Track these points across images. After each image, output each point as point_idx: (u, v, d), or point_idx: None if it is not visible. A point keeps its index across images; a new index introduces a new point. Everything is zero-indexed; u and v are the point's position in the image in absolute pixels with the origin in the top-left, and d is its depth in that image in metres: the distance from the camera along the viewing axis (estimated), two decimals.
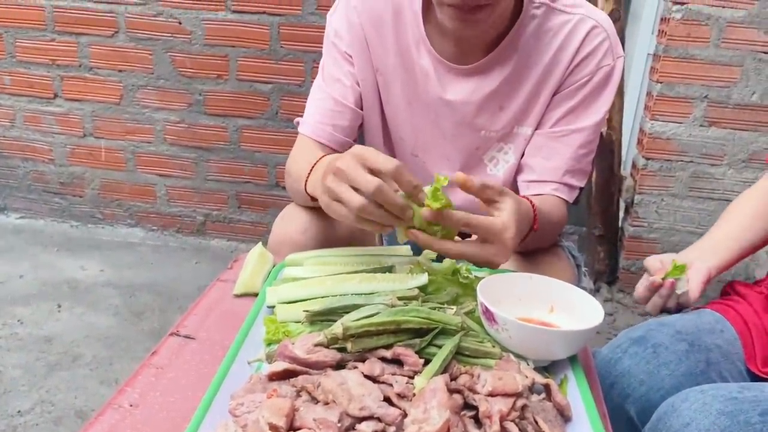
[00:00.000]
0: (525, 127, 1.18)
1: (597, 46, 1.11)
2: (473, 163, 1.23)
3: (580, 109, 1.14)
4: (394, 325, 0.79)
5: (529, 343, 0.81)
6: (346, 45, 1.19)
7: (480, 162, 1.22)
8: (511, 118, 1.17)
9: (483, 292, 0.85)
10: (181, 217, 2.87)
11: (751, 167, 2.38)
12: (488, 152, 1.21)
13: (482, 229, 0.88)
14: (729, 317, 1.08)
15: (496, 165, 1.22)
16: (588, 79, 1.12)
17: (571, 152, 1.15)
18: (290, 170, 1.20)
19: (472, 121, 1.17)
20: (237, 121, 2.66)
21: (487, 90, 1.15)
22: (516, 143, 1.19)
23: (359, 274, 0.91)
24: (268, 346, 0.86)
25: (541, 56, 1.13)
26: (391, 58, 1.18)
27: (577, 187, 1.18)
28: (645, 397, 0.94)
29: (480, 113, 1.17)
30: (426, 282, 0.89)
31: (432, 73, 1.16)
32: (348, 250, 1.03)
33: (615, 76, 1.13)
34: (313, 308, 0.85)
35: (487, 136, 1.19)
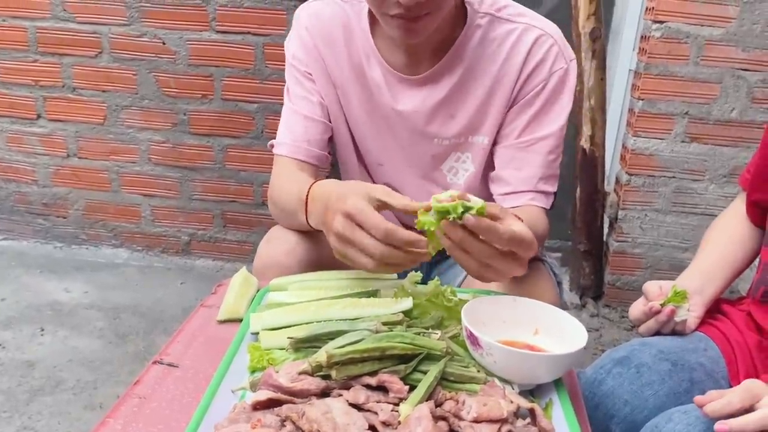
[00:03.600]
0: (480, 136, 1.21)
1: (546, 53, 1.14)
2: (432, 172, 1.26)
3: (541, 115, 1.16)
4: (378, 351, 0.79)
5: (514, 367, 0.81)
6: (305, 65, 1.23)
7: (439, 172, 1.26)
8: (463, 127, 1.20)
9: (467, 316, 0.85)
10: (166, 237, 2.85)
11: (732, 182, 2.41)
12: (446, 162, 1.25)
13: (517, 241, 0.84)
14: (713, 336, 1.09)
15: (456, 174, 1.26)
16: (543, 86, 1.15)
17: (541, 159, 1.17)
18: (277, 200, 1.19)
19: (424, 129, 1.21)
20: (222, 141, 2.66)
21: (436, 98, 1.18)
22: (473, 152, 1.23)
23: (344, 299, 0.91)
24: (252, 374, 0.85)
25: (488, 65, 1.16)
26: (346, 73, 1.22)
27: (551, 193, 1.20)
28: (629, 417, 0.94)
29: (431, 121, 1.20)
30: (410, 306, 0.89)
31: (383, 84, 1.20)
32: (332, 274, 1.03)
33: (570, 79, 1.16)
34: (297, 335, 0.85)
35: (441, 144, 1.22)
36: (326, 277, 1.02)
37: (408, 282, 0.98)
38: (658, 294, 1.09)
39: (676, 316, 1.07)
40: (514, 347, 0.87)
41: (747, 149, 2.37)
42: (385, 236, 0.85)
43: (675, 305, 1.07)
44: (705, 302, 1.10)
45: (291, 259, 1.14)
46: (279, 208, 1.18)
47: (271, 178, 1.24)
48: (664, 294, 1.09)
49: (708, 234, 1.21)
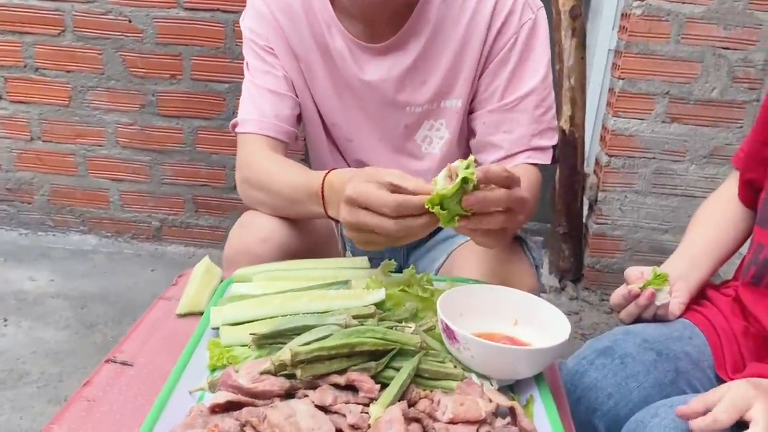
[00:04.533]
0: (452, 100, 1.17)
1: (513, 5, 1.10)
2: (406, 143, 1.22)
3: (519, 71, 1.12)
4: (347, 348, 0.73)
5: (493, 362, 0.76)
6: (264, 39, 1.17)
7: (413, 143, 1.22)
8: (435, 92, 1.15)
9: (443, 308, 0.80)
10: (135, 223, 2.76)
11: (712, 162, 2.38)
12: (419, 131, 1.20)
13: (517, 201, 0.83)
14: (698, 323, 1.05)
15: (430, 143, 1.22)
16: (515, 39, 1.11)
17: (530, 117, 1.12)
18: (265, 184, 1.10)
19: (395, 98, 1.16)
20: (192, 122, 2.57)
21: (404, 65, 1.13)
22: (446, 118, 1.18)
23: (311, 292, 0.85)
24: (212, 373, 0.79)
25: (455, 25, 1.11)
26: (307, 45, 1.16)
27: (548, 147, 1.15)
28: (613, 411, 0.90)
29: (401, 89, 1.15)
30: (383, 298, 0.84)
31: (347, 55, 1.14)
32: (301, 264, 0.97)
33: (540, 27, 1.12)
34: (260, 331, 0.79)
35: (413, 112, 1.17)
36: (294, 266, 0.96)
37: (381, 271, 0.93)
38: (638, 278, 1.04)
39: (657, 299, 1.03)
40: (493, 340, 0.82)
41: (727, 129, 2.34)
42: (397, 209, 0.81)
43: (655, 288, 1.03)
44: (691, 288, 1.06)
45: (266, 248, 1.07)
46: (269, 193, 1.09)
47: (241, 159, 1.16)
48: (645, 278, 1.04)
49: (696, 217, 1.16)
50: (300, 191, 1.03)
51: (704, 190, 2.40)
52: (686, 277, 1.07)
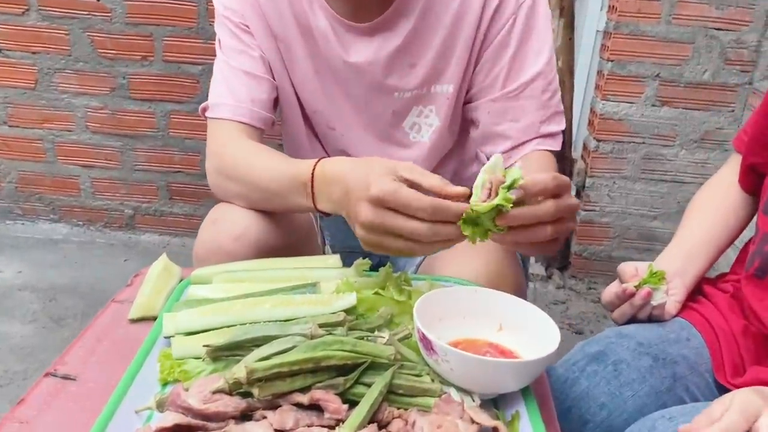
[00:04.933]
0: (443, 85, 1.08)
1: None
2: (393, 131, 1.14)
3: (521, 55, 1.04)
4: (312, 362, 0.65)
5: (475, 376, 0.68)
6: (240, 16, 1.07)
7: (401, 130, 1.14)
8: (425, 76, 1.07)
9: (420, 314, 0.72)
10: (107, 211, 2.66)
11: (703, 147, 2.31)
12: (407, 118, 1.12)
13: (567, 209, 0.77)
14: (695, 322, 0.98)
15: (419, 131, 1.14)
16: (513, 20, 1.02)
17: (537, 103, 1.05)
18: (241, 175, 1.00)
19: (383, 82, 1.07)
20: (165, 106, 2.46)
21: (392, 47, 1.04)
22: (436, 104, 1.10)
23: (274, 297, 0.77)
24: (163, 389, 0.71)
25: (447, 4, 1.03)
26: (287, 22, 1.07)
27: (557, 132, 1.08)
28: (606, 422, 0.83)
29: (389, 73, 1.07)
30: (354, 303, 0.75)
31: (331, 34, 1.05)
32: (266, 263, 0.88)
33: (541, 5, 1.04)
34: (215, 342, 0.70)
35: (402, 97, 1.09)
36: (259, 266, 0.87)
37: (354, 271, 0.85)
38: (633, 275, 0.97)
39: (653, 299, 0.96)
40: (475, 347, 0.75)
41: (719, 113, 2.27)
42: (434, 214, 0.73)
43: (651, 287, 0.96)
44: (687, 285, 0.99)
45: (240, 246, 0.97)
46: (246, 184, 0.99)
47: (213, 148, 1.06)
48: (640, 275, 0.97)
49: (692, 205, 1.09)
50: (283, 182, 0.93)
51: (694, 175, 2.34)
52: (682, 273, 1.00)
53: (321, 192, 0.88)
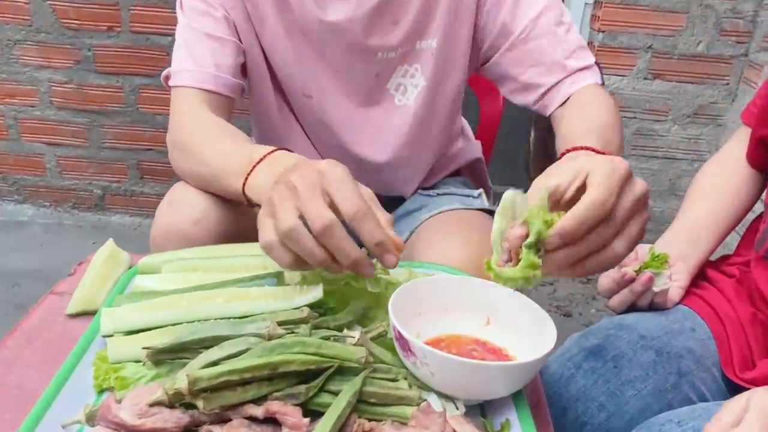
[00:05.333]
0: (428, 40, 1.00)
1: None
2: (377, 95, 1.04)
3: None
4: (268, 368, 0.55)
5: (459, 381, 0.59)
6: None
7: (385, 93, 1.04)
8: (409, 32, 0.99)
9: (397, 308, 0.62)
10: (76, 191, 2.53)
11: (696, 122, 2.23)
12: (392, 79, 1.03)
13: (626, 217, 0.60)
14: (699, 311, 0.89)
15: (404, 93, 1.04)
16: None
17: (553, 39, 0.96)
18: (192, 150, 0.91)
19: (364, 42, 0.98)
20: (133, 80, 2.33)
21: (373, 2, 0.95)
22: (422, 62, 1.02)
23: (228, 290, 0.66)
24: (98, 398, 0.61)
25: None
26: None
27: (590, 65, 0.97)
28: (606, 425, 0.74)
29: (371, 32, 0.97)
30: (320, 296, 0.65)
31: None
32: (222, 249, 0.78)
33: None
34: (157, 343, 0.60)
35: (386, 58, 1.00)
36: (213, 253, 0.77)
37: None
38: (632, 259, 0.88)
39: (655, 285, 0.87)
40: (460, 344, 0.66)
41: (713, 86, 2.18)
42: (354, 213, 0.60)
43: (653, 271, 0.87)
44: (690, 269, 0.90)
45: (200, 230, 0.87)
46: (196, 160, 0.89)
47: (173, 119, 0.96)
48: (641, 259, 0.88)
49: (695, 183, 1.00)
50: (230, 161, 0.83)
51: (686, 152, 2.26)
52: (685, 257, 0.91)
53: (259, 171, 0.78)
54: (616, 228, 0.57)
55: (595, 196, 0.56)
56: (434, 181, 1.20)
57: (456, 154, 1.23)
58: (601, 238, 0.57)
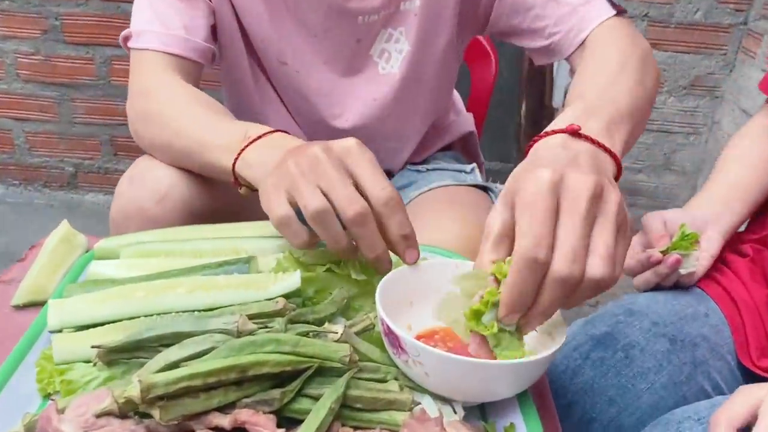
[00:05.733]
0: (411, 1, 0.91)
1: None
2: (359, 63, 0.96)
3: None
4: (236, 371, 0.48)
5: (457, 382, 0.51)
6: None
7: (367, 60, 0.96)
8: None
9: (386, 298, 0.55)
10: (46, 169, 2.42)
11: (693, 94, 2.15)
12: (374, 45, 0.95)
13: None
14: (713, 294, 0.82)
15: (389, 60, 0.95)
16: None
17: None
18: (156, 115, 0.83)
19: (343, 5, 0.89)
20: (104, 51, 2.21)
21: None
22: (406, 25, 0.93)
23: (191, 278, 0.58)
24: (44, 402, 0.53)
25: None
26: None
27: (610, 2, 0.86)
28: (616, 421, 0.67)
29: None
30: (298, 284, 0.57)
31: None
32: (187, 232, 0.69)
33: None
34: (110, 340, 0.52)
35: (368, 21, 0.91)
36: (177, 235, 0.68)
37: None
38: (662, 235, 0.80)
39: (682, 266, 0.79)
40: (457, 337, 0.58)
41: (710, 57, 2.10)
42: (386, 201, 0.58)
43: (681, 253, 0.79)
44: (724, 233, 0.83)
45: (164, 209, 0.79)
46: (169, 132, 0.80)
47: (136, 85, 0.88)
48: (670, 234, 0.80)
49: (725, 154, 0.93)
50: (218, 133, 0.75)
51: (682, 125, 2.18)
52: (719, 219, 0.83)
53: (257, 147, 0.70)
54: (573, 258, 0.47)
55: (521, 253, 0.47)
56: (424, 155, 1.12)
57: (447, 126, 1.15)
58: (564, 277, 0.47)
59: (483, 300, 0.51)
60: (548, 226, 0.48)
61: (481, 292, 0.51)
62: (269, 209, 0.60)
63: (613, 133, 0.61)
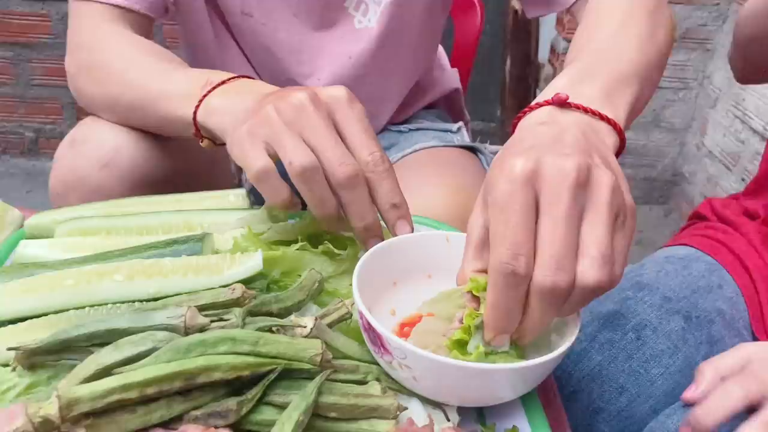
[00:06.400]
0: None
1: None
2: (332, 15, 0.86)
3: None
4: (180, 380, 0.39)
5: (452, 387, 0.43)
6: None
7: (342, 13, 0.86)
8: None
9: (365, 280, 0.46)
10: (4, 134, 2.29)
11: (685, 48, 2.06)
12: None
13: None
14: (724, 262, 0.75)
15: (366, 13, 0.85)
16: None
17: None
18: (102, 66, 0.72)
19: None
20: (60, 6, 2.06)
21: None
22: None
23: (130, 263, 0.49)
24: None
25: None
26: None
27: None
28: (626, 411, 0.60)
29: None
30: (259, 267, 0.48)
31: None
32: (131, 204, 0.60)
33: None
34: (31, 340, 0.43)
35: None
36: (125, 208, 0.59)
37: (266, 213, 0.57)
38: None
39: None
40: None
41: (702, 8, 2.01)
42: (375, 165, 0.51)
43: None
44: None
45: (109, 175, 0.69)
46: (117, 83, 0.71)
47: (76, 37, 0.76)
48: None
49: None
50: (177, 83, 0.66)
51: (672, 79, 2.10)
52: None
53: (221, 92, 0.61)
54: (557, 266, 0.39)
55: (496, 266, 0.40)
56: (407, 114, 1.02)
57: (431, 83, 1.05)
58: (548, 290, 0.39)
59: (464, 327, 0.42)
60: (525, 230, 0.39)
61: (459, 314, 0.43)
62: (244, 160, 0.51)
63: (613, 97, 0.52)
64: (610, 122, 0.48)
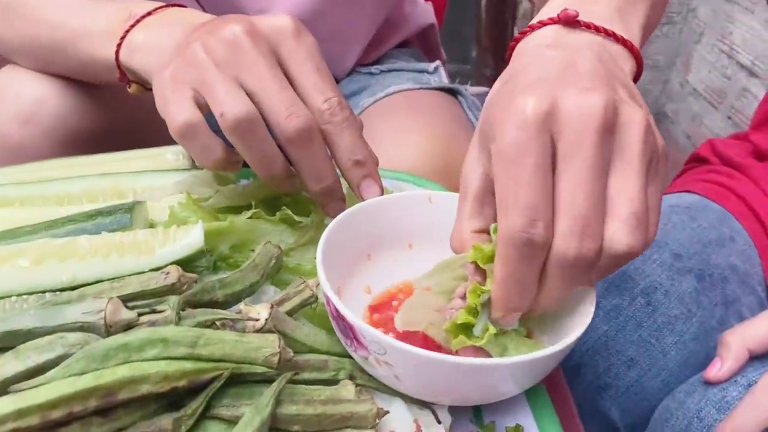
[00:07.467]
0: None
1: None
2: None
3: None
4: (96, 397, 0.30)
5: (442, 386, 0.35)
6: None
7: None
8: None
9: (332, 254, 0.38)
10: None
11: None
12: None
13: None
14: (735, 211, 0.68)
15: None
16: None
17: None
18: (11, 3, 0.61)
19: None
20: None
21: None
22: None
23: (40, 242, 0.39)
24: None
25: None
26: None
27: None
28: (636, 387, 0.53)
29: None
30: (200, 243, 0.39)
31: None
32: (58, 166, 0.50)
33: None
34: None
35: None
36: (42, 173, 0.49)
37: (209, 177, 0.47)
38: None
39: None
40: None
41: None
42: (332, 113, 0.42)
43: None
44: None
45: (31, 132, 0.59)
46: (29, 20, 0.60)
47: None
48: None
49: None
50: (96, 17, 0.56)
51: (670, 14, 2.00)
52: None
53: (145, 26, 0.51)
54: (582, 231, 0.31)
55: (507, 235, 0.32)
56: (377, 54, 0.92)
57: (404, 19, 0.94)
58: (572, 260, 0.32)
59: (468, 307, 0.34)
60: (542, 189, 0.31)
61: (461, 288, 0.35)
62: (166, 112, 0.42)
63: (626, 14, 0.42)
64: (626, 44, 0.39)
